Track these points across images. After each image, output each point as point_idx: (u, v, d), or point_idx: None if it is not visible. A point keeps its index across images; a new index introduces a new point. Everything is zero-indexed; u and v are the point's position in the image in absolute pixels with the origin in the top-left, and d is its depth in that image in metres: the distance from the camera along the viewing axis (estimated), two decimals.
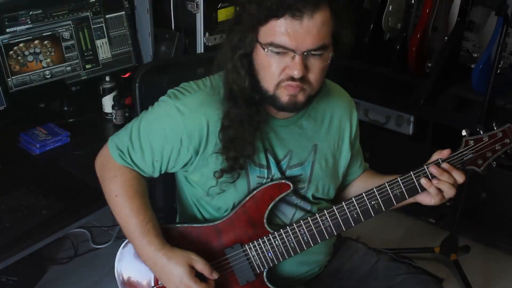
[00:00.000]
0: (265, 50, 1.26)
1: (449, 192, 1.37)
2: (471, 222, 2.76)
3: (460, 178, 1.37)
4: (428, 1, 2.69)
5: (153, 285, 1.46)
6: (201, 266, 1.37)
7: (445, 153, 1.38)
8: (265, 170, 1.41)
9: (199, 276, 1.37)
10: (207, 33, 2.43)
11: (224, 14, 2.48)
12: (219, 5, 2.45)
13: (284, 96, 1.30)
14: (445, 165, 1.36)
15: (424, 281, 1.54)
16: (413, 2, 2.81)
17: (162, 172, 1.43)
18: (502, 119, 1.42)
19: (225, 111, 1.34)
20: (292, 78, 1.27)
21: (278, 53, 1.25)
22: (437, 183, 1.36)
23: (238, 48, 1.29)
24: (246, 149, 1.34)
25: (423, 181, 1.36)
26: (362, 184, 1.58)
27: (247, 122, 1.33)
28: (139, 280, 1.47)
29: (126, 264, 1.48)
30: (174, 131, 1.35)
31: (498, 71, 2.28)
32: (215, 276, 1.38)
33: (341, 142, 1.51)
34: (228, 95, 1.33)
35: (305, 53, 1.25)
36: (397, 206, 1.47)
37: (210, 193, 1.41)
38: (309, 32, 1.23)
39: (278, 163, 1.42)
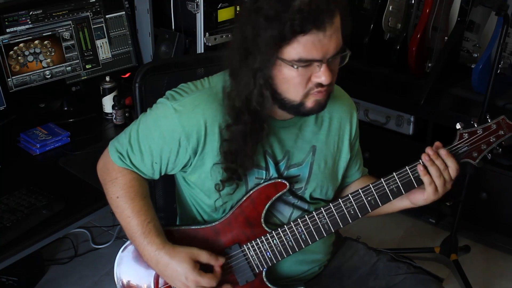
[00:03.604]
0: (295, 67, 1.24)
1: (438, 181, 1.36)
2: (471, 222, 2.76)
3: (453, 166, 1.36)
4: (428, 1, 2.69)
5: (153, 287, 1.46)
6: (205, 256, 1.37)
7: (436, 145, 1.38)
8: (264, 171, 1.41)
9: (203, 269, 1.37)
10: (207, 33, 2.44)
11: (224, 14, 2.48)
12: (219, 5, 2.46)
13: (310, 103, 1.31)
14: (442, 151, 1.36)
15: (424, 281, 1.54)
16: (413, 2, 2.82)
17: (162, 174, 1.43)
18: None
19: (227, 124, 1.33)
20: (320, 85, 1.28)
21: (304, 66, 1.25)
22: (430, 165, 1.35)
23: (259, 71, 1.26)
24: (246, 162, 1.35)
25: (420, 168, 1.36)
26: (360, 186, 1.58)
27: (250, 137, 1.33)
28: (139, 283, 1.47)
29: (126, 268, 1.48)
30: (172, 133, 1.35)
31: (498, 71, 2.28)
32: (221, 260, 1.39)
33: (340, 144, 1.51)
34: (232, 110, 1.32)
35: (329, 59, 1.25)
36: (394, 209, 1.48)
37: (217, 206, 1.42)
38: (331, 39, 1.23)
39: (276, 164, 1.42)
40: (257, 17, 1.21)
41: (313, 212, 1.41)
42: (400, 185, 1.39)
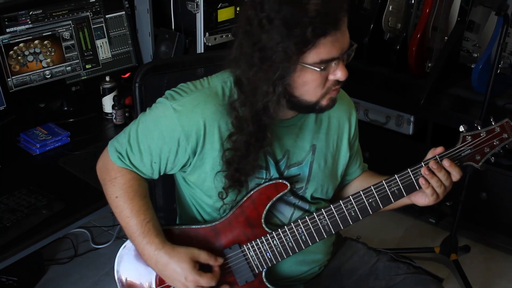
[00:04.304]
0: (319, 69, 1.24)
1: (440, 190, 1.37)
2: (471, 222, 2.76)
3: (457, 174, 1.37)
4: (428, 1, 2.69)
5: (154, 286, 1.46)
6: (204, 256, 1.37)
7: (439, 150, 1.38)
8: (264, 171, 1.41)
9: (202, 269, 1.37)
10: (207, 33, 2.44)
11: (224, 14, 2.48)
12: (219, 5, 2.46)
13: (325, 101, 1.32)
14: (446, 162, 1.36)
15: (424, 281, 1.54)
16: (413, 2, 2.81)
17: (161, 173, 1.43)
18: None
19: (230, 133, 1.33)
20: (337, 82, 1.29)
21: (326, 67, 1.25)
22: (430, 178, 1.35)
23: (279, 79, 1.24)
24: (248, 170, 1.35)
25: (422, 181, 1.36)
26: (360, 184, 1.59)
27: (254, 146, 1.32)
28: (140, 282, 1.47)
29: (126, 266, 1.48)
30: (172, 132, 1.35)
31: (498, 71, 2.28)
32: (220, 260, 1.39)
33: (340, 142, 1.51)
34: (236, 119, 1.31)
35: (343, 55, 1.26)
36: (394, 206, 1.48)
37: (217, 206, 1.43)
38: (344, 35, 1.24)
39: (276, 163, 1.42)
40: (273, 26, 1.19)
41: (314, 213, 1.41)
42: (401, 187, 1.38)
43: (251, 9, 1.23)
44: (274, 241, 1.41)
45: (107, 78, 2.29)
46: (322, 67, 1.24)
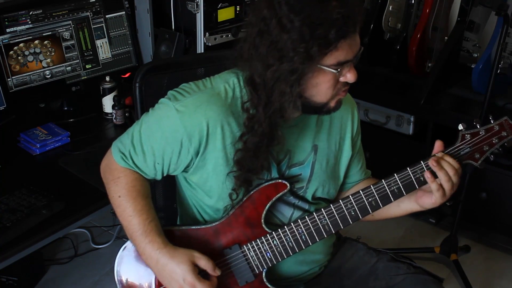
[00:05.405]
0: (336, 71, 1.25)
1: (447, 185, 1.36)
2: (471, 222, 2.76)
3: (459, 168, 1.36)
4: (428, 1, 2.69)
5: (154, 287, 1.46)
6: (204, 262, 1.37)
7: (438, 146, 1.38)
8: (265, 172, 1.41)
9: (201, 275, 1.36)
10: (207, 33, 2.44)
11: (224, 14, 2.48)
12: (219, 5, 2.46)
13: (333, 102, 1.33)
14: (447, 158, 1.36)
15: (424, 281, 1.54)
16: (413, 2, 2.82)
17: (164, 174, 1.42)
18: None
19: (241, 133, 1.33)
20: (346, 84, 1.30)
21: (341, 69, 1.26)
22: (438, 170, 1.35)
23: (298, 80, 1.25)
24: (258, 170, 1.36)
25: (427, 174, 1.36)
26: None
27: (265, 146, 1.33)
28: (140, 283, 1.47)
29: (126, 267, 1.48)
30: (174, 133, 1.34)
31: (498, 71, 2.28)
32: (217, 272, 1.38)
33: (342, 142, 1.51)
34: (248, 120, 1.31)
35: (355, 58, 1.27)
36: (402, 212, 1.47)
37: (218, 207, 1.43)
38: (357, 37, 1.25)
39: (278, 164, 1.42)
40: (294, 26, 1.19)
41: (314, 213, 1.41)
42: (401, 186, 1.38)
43: (267, 9, 1.22)
44: (274, 241, 1.41)
45: (107, 78, 2.29)
46: (338, 69, 1.25)
